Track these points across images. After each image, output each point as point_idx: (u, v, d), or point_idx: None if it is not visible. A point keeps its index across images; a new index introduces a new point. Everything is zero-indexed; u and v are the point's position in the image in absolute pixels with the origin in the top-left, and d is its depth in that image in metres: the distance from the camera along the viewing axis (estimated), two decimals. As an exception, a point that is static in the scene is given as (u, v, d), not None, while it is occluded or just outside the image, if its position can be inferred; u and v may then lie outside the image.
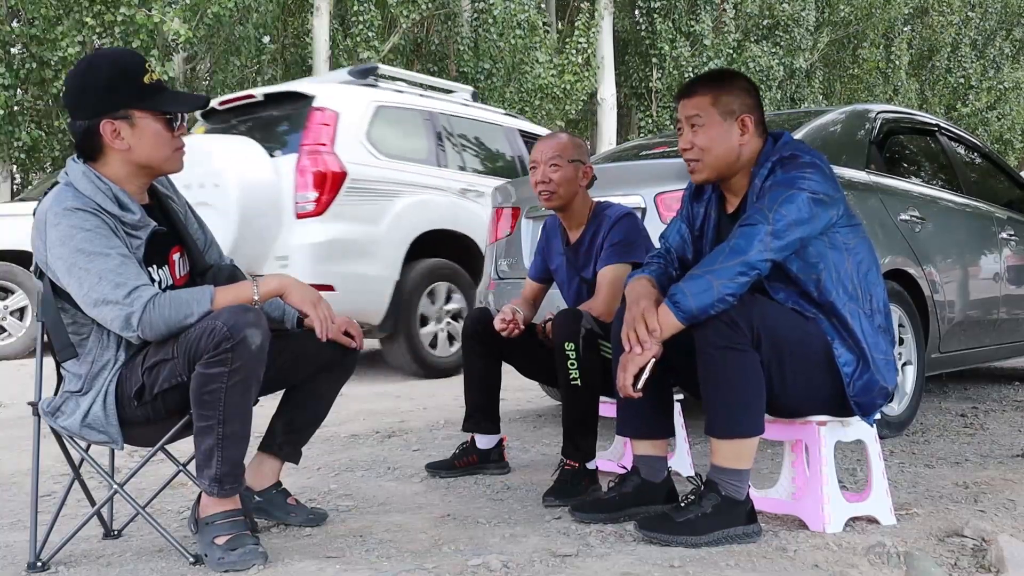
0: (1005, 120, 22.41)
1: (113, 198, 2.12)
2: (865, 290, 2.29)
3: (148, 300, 2.04)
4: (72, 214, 2.05)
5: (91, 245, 2.04)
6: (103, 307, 2.03)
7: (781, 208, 2.18)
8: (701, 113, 2.32)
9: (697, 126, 2.32)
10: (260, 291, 2.16)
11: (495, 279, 4.29)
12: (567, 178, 2.93)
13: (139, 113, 2.14)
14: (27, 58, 11.04)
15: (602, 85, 16.02)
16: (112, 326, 2.06)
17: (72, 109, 2.16)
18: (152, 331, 2.05)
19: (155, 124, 2.16)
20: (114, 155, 2.15)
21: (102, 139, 2.13)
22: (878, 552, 2.06)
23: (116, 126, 2.12)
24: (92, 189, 2.10)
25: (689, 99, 2.35)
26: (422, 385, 5.61)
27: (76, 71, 2.17)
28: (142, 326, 2.03)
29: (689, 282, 2.15)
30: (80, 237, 2.04)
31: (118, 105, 2.12)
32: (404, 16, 13.79)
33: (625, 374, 2.18)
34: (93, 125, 2.12)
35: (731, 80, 2.37)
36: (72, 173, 2.13)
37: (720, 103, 2.31)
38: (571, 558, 2.09)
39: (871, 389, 2.25)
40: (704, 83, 2.36)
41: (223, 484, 2.08)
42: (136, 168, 2.18)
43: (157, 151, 2.17)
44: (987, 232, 4.62)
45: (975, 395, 4.95)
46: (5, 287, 6.94)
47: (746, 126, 2.31)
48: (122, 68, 2.15)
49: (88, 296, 2.04)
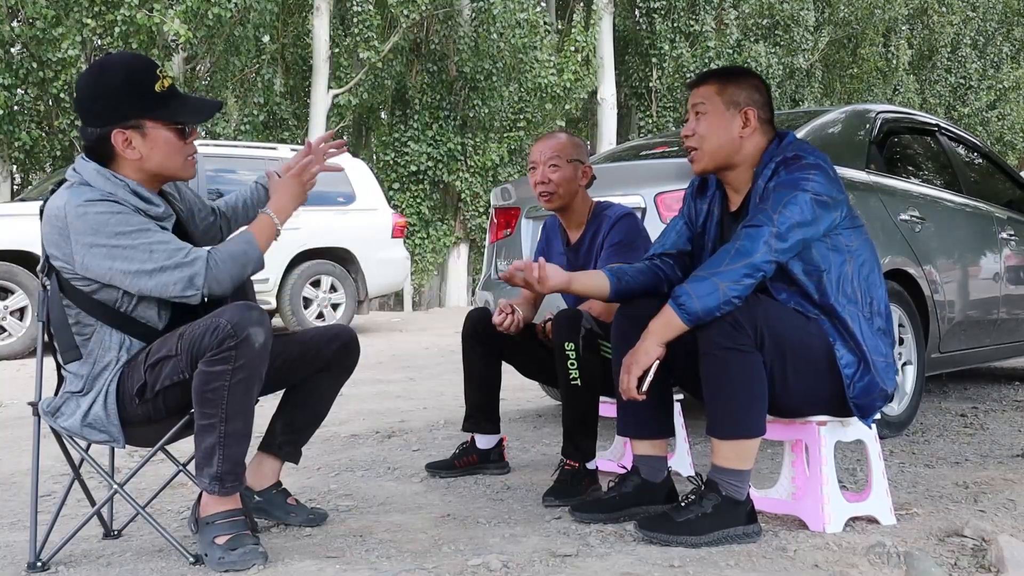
0: (1005, 120, 22.41)
1: (132, 192, 2.12)
2: (865, 292, 2.29)
3: (205, 258, 2.08)
4: (96, 204, 2.05)
5: (127, 226, 2.05)
6: (161, 275, 2.05)
7: (785, 210, 2.18)
8: (706, 101, 2.35)
9: (701, 114, 2.35)
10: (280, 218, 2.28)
11: (495, 279, 4.29)
12: (566, 178, 2.93)
13: (150, 123, 2.14)
14: (27, 58, 11.04)
15: (602, 85, 16.02)
16: (173, 291, 2.07)
17: (83, 115, 2.15)
18: (219, 285, 2.10)
19: (167, 133, 2.16)
20: (126, 163, 2.15)
21: (113, 148, 2.12)
22: (878, 552, 2.06)
23: (128, 136, 2.12)
24: (110, 186, 2.10)
25: (698, 88, 2.39)
26: (422, 385, 5.61)
27: (88, 77, 2.15)
28: (208, 282, 2.08)
29: (694, 284, 2.15)
30: (114, 221, 2.04)
31: (129, 115, 2.12)
32: (404, 16, 13.78)
33: (629, 377, 2.18)
34: (105, 133, 2.11)
35: (742, 75, 2.40)
36: (85, 172, 2.12)
37: (726, 93, 2.34)
38: (571, 558, 2.09)
39: (871, 391, 2.25)
40: (715, 74, 2.40)
41: (224, 482, 2.08)
42: (148, 175, 2.18)
43: (169, 160, 2.18)
44: (987, 232, 4.62)
45: (975, 395, 4.95)
46: (5, 287, 6.93)
47: (749, 120, 2.32)
48: (133, 76, 2.13)
49: (142, 270, 2.04)
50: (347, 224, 8.70)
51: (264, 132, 14.75)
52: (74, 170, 2.15)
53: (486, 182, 15.22)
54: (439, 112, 15.10)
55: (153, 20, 10.64)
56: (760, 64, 17.22)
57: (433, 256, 15.43)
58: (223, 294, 2.13)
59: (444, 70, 15.27)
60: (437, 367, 6.53)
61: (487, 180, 15.25)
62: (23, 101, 11.43)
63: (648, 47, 17.50)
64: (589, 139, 17.86)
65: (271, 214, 2.27)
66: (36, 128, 11.71)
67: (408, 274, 9.77)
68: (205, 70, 13.93)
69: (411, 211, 14.87)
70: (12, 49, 11.10)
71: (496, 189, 4.41)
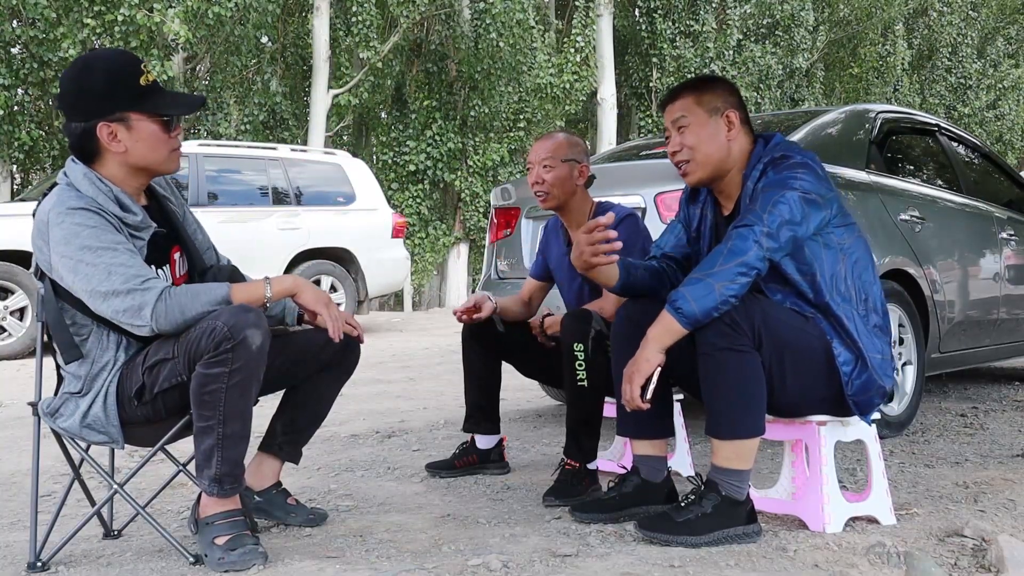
0: (1005, 120, 22.40)
1: (114, 199, 2.12)
2: (860, 290, 2.29)
3: (161, 291, 2.04)
4: (75, 213, 2.05)
5: (96, 241, 2.03)
6: (113, 299, 2.02)
7: (774, 209, 2.19)
8: (687, 113, 2.34)
9: (684, 127, 2.35)
10: (273, 290, 2.16)
11: (495, 279, 4.29)
12: (561, 178, 2.93)
13: (135, 116, 2.14)
14: (27, 58, 11.04)
15: (602, 85, 16.01)
16: (123, 319, 2.04)
17: (68, 111, 2.15)
18: (167, 321, 2.03)
19: (151, 126, 2.16)
20: (111, 157, 2.15)
21: (99, 142, 2.12)
22: (878, 552, 2.06)
23: (112, 128, 2.12)
24: (94, 190, 2.10)
25: (673, 103, 2.38)
26: (422, 385, 5.61)
27: (71, 73, 2.15)
28: (156, 316, 2.02)
29: (689, 287, 2.15)
30: (85, 234, 2.03)
31: (114, 108, 2.12)
32: (404, 16, 13.78)
33: (632, 387, 2.17)
34: (90, 127, 2.11)
35: (712, 81, 2.40)
36: (73, 174, 2.13)
37: (704, 101, 2.34)
38: (571, 558, 2.09)
39: (869, 388, 2.25)
40: (685, 87, 2.40)
41: (223, 484, 2.08)
42: (133, 170, 2.18)
43: (154, 153, 2.18)
44: (987, 232, 4.62)
45: (975, 395, 4.95)
46: (5, 287, 6.93)
47: (732, 122, 2.33)
48: (118, 70, 2.14)
49: (97, 291, 2.03)
50: (347, 224, 8.71)
51: (264, 132, 14.75)
52: (64, 172, 2.15)
53: (486, 182, 15.23)
54: (439, 112, 15.10)
55: (153, 20, 10.64)
56: (760, 64, 17.22)
57: (433, 256, 15.44)
58: (168, 330, 2.05)
59: (444, 70, 15.28)
60: (437, 367, 6.53)
61: (487, 180, 15.25)
62: (23, 101, 11.43)
63: (648, 47, 17.50)
64: (589, 139, 17.84)
65: (268, 283, 2.17)
66: (36, 128, 11.71)
67: (408, 274, 9.78)
68: (205, 70, 13.92)
69: (411, 211, 14.88)
70: (12, 49, 11.10)
71: (496, 189, 4.41)
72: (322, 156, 9.29)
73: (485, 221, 15.07)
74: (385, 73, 14.62)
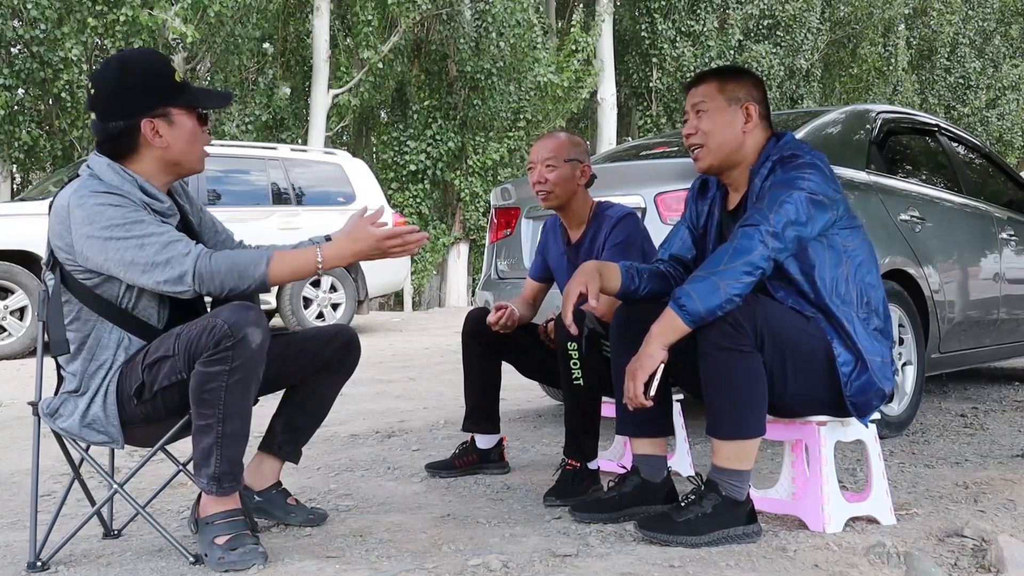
0: (1004, 119, 22.40)
1: (139, 188, 2.13)
2: (861, 293, 2.29)
3: (199, 255, 2.04)
4: (98, 195, 2.06)
5: (124, 217, 2.04)
6: (153, 271, 2.03)
7: (780, 208, 2.19)
8: (707, 99, 2.36)
9: (702, 111, 2.36)
10: (327, 261, 2.11)
11: (495, 278, 4.29)
12: (563, 178, 2.93)
13: (175, 110, 2.17)
14: (28, 58, 11.04)
15: (602, 85, 16.01)
16: (165, 287, 2.04)
17: (106, 110, 2.15)
18: (210, 284, 2.04)
19: (190, 121, 2.20)
20: (148, 153, 2.16)
21: (140, 138, 2.14)
22: (878, 552, 2.06)
23: (155, 124, 2.14)
24: (118, 180, 2.11)
25: (696, 87, 2.40)
26: (422, 385, 5.61)
27: (107, 73, 2.16)
28: (198, 279, 2.03)
29: (694, 284, 2.15)
30: (111, 212, 2.04)
31: (156, 104, 2.15)
32: (404, 16, 13.78)
33: (635, 384, 2.16)
34: (133, 124, 2.13)
35: (738, 72, 2.43)
36: (96, 166, 2.14)
37: (726, 90, 2.36)
38: (571, 558, 2.09)
39: (867, 391, 2.25)
40: (711, 73, 2.42)
41: (222, 483, 2.08)
42: (166, 166, 2.19)
43: (192, 148, 2.21)
44: (987, 232, 4.62)
45: (975, 395, 4.95)
46: (5, 287, 6.93)
47: (750, 115, 2.34)
48: (154, 67, 2.19)
49: (135, 263, 2.03)
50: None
51: (265, 132, 14.75)
52: (87, 165, 2.16)
53: (486, 182, 15.22)
54: (439, 112, 15.10)
55: (155, 19, 10.64)
56: (761, 64, 17.21)
57: (433, 256, 15.43)
58: (213, 293, 2.09)
59: (444, 70, 15.27)
60: (437, 367, 6.53)
61: (487, 180, 15.24)
62: (23, 101, 11.43)
63: (648, 47, 17.50)
64: (589, 139, 17.85)
65: (319, 250, 2.11)
66: (36, 128, 11.71)
67: (408, 274, 9.77)
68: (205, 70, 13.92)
69: (411, 211, 14.87)
70: (13, 49, 11.10)
71: (496, 189, 4.41)
72: (322, 156, 9.29)
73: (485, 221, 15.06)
74: (385, 73, 14.62)
